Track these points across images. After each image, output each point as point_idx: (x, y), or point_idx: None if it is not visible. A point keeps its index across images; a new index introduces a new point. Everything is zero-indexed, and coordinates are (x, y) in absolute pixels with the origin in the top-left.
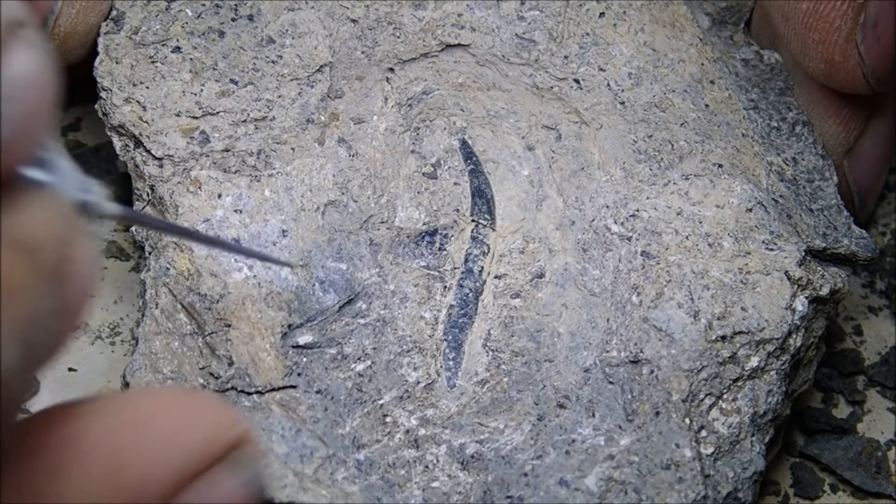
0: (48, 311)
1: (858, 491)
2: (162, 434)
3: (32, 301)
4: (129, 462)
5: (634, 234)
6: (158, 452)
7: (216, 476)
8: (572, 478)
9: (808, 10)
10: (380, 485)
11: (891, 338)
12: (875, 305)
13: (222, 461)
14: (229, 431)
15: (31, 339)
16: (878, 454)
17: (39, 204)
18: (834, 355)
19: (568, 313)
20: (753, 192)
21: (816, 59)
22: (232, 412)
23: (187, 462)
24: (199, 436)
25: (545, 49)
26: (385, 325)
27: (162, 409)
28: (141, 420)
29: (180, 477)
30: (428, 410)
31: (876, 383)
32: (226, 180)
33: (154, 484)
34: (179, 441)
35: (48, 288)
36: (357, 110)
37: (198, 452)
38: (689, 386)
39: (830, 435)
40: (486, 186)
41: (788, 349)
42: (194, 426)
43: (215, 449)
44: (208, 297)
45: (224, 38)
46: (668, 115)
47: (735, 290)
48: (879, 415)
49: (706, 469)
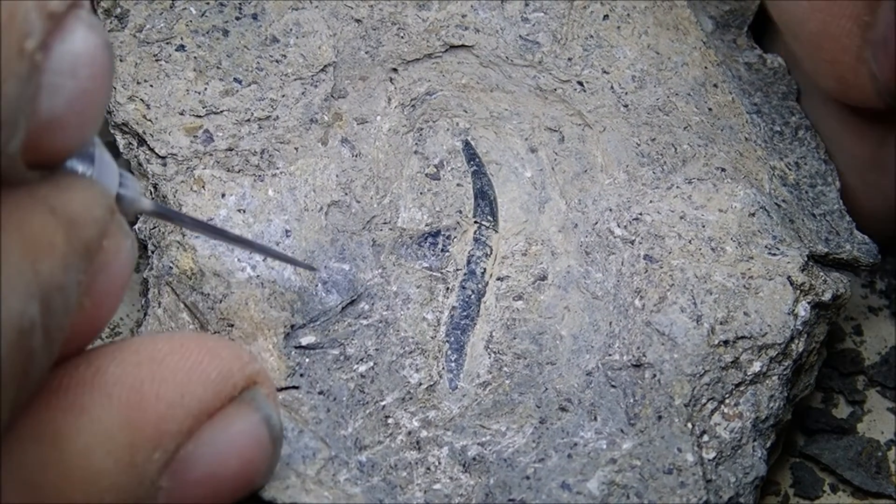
0: (73, 285)
1: (858, 491)
2: (178, 372)
3: (60, 266)
4: (147, 398)
5: (637, 237)
6: (175, 389)
7: (230, 414)
8: (574, 481)
9: (816, 30)
10: (382, 486)
11: (891, 338)
12: (875, 305)
13: (236, 400)
14: (243, 370)
15: (52, 303)
16: (878, 454)
17: (83, 187)
18: (834, 355)
19: (570, 316)
20: (756, 197)
21: (829, 77)
22: (245, 352)
23: (203, 399)
24: (213, 374)
25: (549, 51)
26: (387, 327)
27: (178, 348)
28: (158, 358)
29: (197, 413)
30: (430, 412)
31: (876, 383)
32: (229, 179)
33: (171, 420)
34: (195, 379)
35: (77, 262)
36: (360, 110)
37: (212, 390)
38: (692, 390)
39: (830, 435)
40: (488, 188)
41: (791, 354)
42: (209, 365)
43: (229, 387)
44: (211, 296)
45: (228, 36)
46: (672, 119)
47: (738, 295)
48: (879, 415)
49: (708, 474)
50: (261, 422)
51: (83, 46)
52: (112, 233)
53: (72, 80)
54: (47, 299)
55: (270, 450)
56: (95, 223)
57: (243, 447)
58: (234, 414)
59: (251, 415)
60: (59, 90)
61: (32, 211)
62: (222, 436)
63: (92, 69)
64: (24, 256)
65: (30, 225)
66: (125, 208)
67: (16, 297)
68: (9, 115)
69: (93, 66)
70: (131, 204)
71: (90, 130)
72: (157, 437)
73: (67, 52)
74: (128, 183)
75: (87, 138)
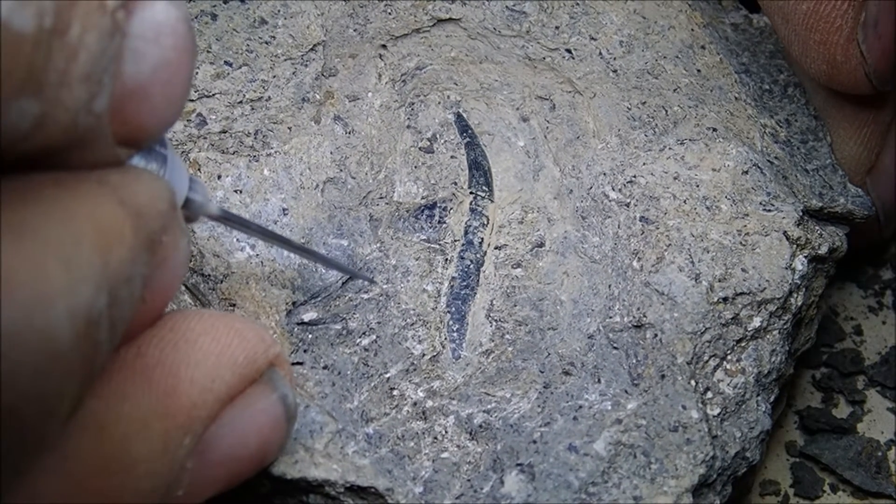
0: (139, 278)
1: (858, 491)
2: (210, 355)
3: (128, 258)
4: (183, 383)
5: (632, 199)
6: (207, 374)
7: (250, 394)
8: (581, 443)
9: (809, 10)
10: (390, 457)
11: (891, 338)
12: (875, 305)
13: (258, 381)
14: (266, 354)
15: (119, 295)
16: (878, 454)
17: (149, 180)
18: (834, 355)
19: (569, 281)
20: (749, 155)
21: (818, 59)
22: (268, 335)
23: (231, 384)
24: (241, 358)
25: (536, 20)
26: (388, 300)
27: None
28: (192, 339)
29: (224, 398)
30: (434, 382)
31: (876, 383)
32: (224, 161)
33: (202, 406)
34: (224, 363)
35: (142, 255)
36: (352, 87)
37: (239, 374)
38: (693, 348)
39: (830, 435)
40: (482, 158)
41: (790, 308)
42: (237, 348)
43: (253, 372)
44: (212, 277)
45: (216, 20)
46: (661, 82)
47: (735, 252)
48: (879, 415)
49: (713, 430)
50: (278, 400)
51: (165, 16)
52: (172, 229)
53: (156, 48)
54: (115, 291)
55: (286, 428)
56: (160, 216)
57: (262, 426)
58: (254, 394)
59: (270, 394)
60: (143, 56)
61: (103, 201)
62: (243, 416)
63: (175, 40)
64: (94, 247)
65: (101, 215)
66: (194, 212)
67: (86, 288)
68: (93, 69)
69: (175, 36)
70: (200, 208)
71: (176, 106)
72: (189, 423)
73: (150, 19)
74: (197, 188)
75: (173, 115)
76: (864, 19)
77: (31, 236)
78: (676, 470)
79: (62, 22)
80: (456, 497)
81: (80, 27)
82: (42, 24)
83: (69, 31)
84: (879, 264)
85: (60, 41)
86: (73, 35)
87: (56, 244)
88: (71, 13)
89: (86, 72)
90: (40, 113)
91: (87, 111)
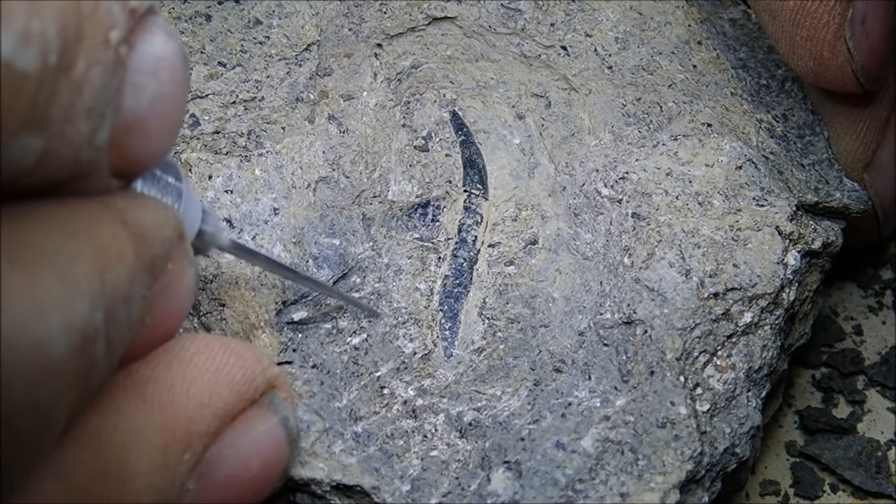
0: (138, 299)
1: (858, 491)
2: (206, 372)
3: (127, 277)
4: (179, 398)
5: (625, 196)
6: (204, 390)
7: (251, 417)
8: (568, 440)
9: (796, 7)
10: (378, 456)
11: (891, 338)
12: (875, 305)
13: (256, 403)
14: (264, 373)
15: (116, 313)
16: (878, 454)
17: (156, 206)
18: (834, 355)
19: (561, 278)
20: (743, 150)
21: (805, 56)
22: (264, 356)
23: (228, 401)
24: (238, 376)
25: (531, 17)
26: (380, 298)
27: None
28: (186, 358)
29: (223, 415)
30: (425, 381)
31: (876, 383)
32: (216, 161)
33: (200, 422)
34: (221, 380)
35: (143, 276)
36: (346, 87)
37: (237, 392)
38: (683, 344)
39: (830, 435)
40: (477, 157)
41: (782, 303)
42: (234, 366)
43: (252, 390)
44: (202, 277)
45: (211, 21)
46: (656, 78)
47: (726, 248)
48: (879, 415)
49: (702, 426)
50: (279, 424)
51: (163, 50)
52: (178, 257)
53: (153, 81)
54: (112, 309)
55: (288, 451)
56: (164, 242)
57: (264, 449)
58: (254, 417)
59: (270, 417)
60: (141, 89)
61: (105, 220)
62: (244, 438)
63: (172, 73)
64: (93, 263)
65: (101, 233)
66: (205, 243)
67: (82, 302)
68: (96, 103)
69: (172, 70)
70: (212, 239)
71: (171, 138)
72: (187, 438)
73: (149, 53)
74: (209, 220)
75: (167, 147)
76: (852, 16)
77: (28, 249)
78: (664, 466)
79: (68, 58)
80: (443, 495)
81: (85, 63)
82: (46, 62)
83: (74, 66)
84: (879, 264)
85: (66, 77)
86: (79, 71)
87: (53, 258)
88: (77, 49)
89: (89, 106)
90: (43, 149)
91: (88, 145)
